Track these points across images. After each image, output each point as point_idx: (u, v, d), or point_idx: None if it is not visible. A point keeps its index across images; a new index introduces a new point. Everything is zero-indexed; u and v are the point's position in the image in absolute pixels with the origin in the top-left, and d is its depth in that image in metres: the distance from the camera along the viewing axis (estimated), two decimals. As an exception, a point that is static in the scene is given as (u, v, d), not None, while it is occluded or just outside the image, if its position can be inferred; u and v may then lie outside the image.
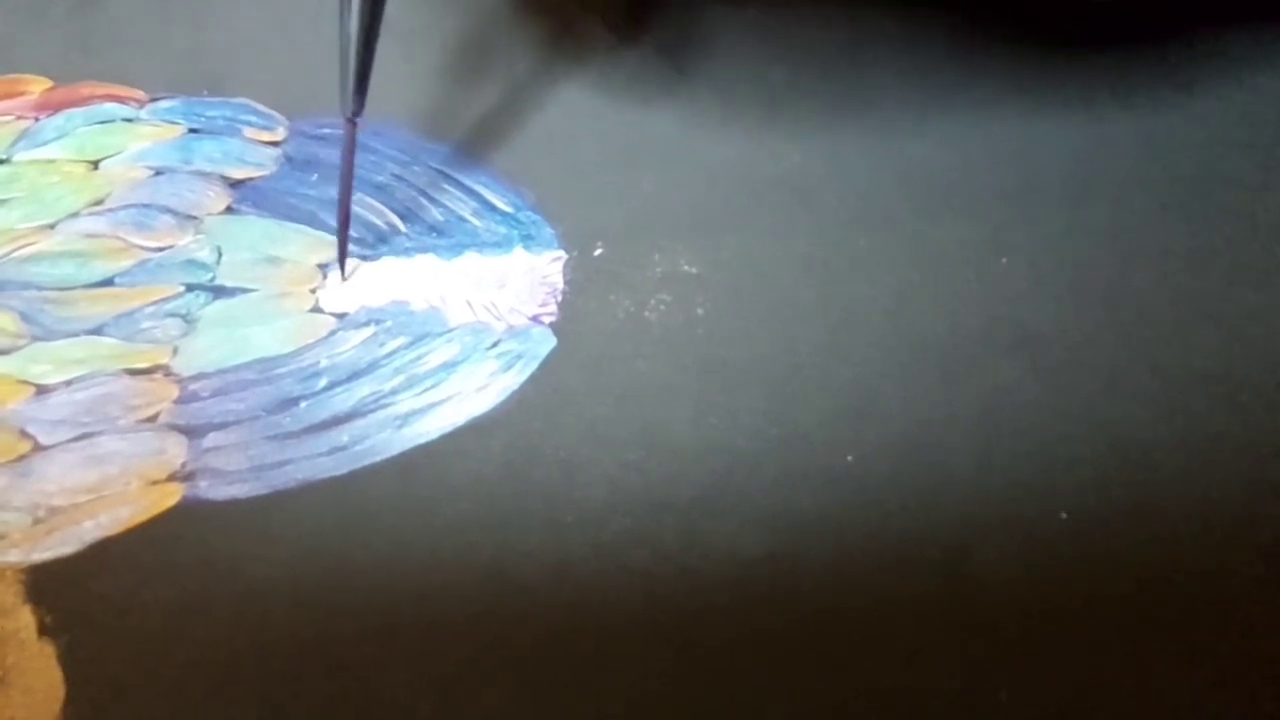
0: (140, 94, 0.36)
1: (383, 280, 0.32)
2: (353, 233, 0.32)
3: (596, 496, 0.28)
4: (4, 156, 0.34)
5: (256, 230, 0.33)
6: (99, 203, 0.33)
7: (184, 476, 0.28)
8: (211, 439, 0.29)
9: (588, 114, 0.35)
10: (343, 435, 0.29)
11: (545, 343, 0.30)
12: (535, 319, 0.31)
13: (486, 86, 0.31)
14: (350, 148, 0.30)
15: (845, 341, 0.30)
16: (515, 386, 0.30)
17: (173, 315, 0.31)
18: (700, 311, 0.31)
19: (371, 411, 0.29)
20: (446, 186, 0.34)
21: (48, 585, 0.26)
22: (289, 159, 0.34)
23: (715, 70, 0.36)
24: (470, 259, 0.32)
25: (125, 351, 0.30)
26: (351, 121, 0.30)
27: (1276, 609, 0.26)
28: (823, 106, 0.35)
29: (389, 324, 0.31)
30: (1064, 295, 0.31)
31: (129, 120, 0.35)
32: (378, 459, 0.28)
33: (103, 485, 0.28)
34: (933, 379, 0.29)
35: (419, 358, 0.30)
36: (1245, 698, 0.24)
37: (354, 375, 0.30)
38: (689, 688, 0.25)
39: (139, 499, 0.28)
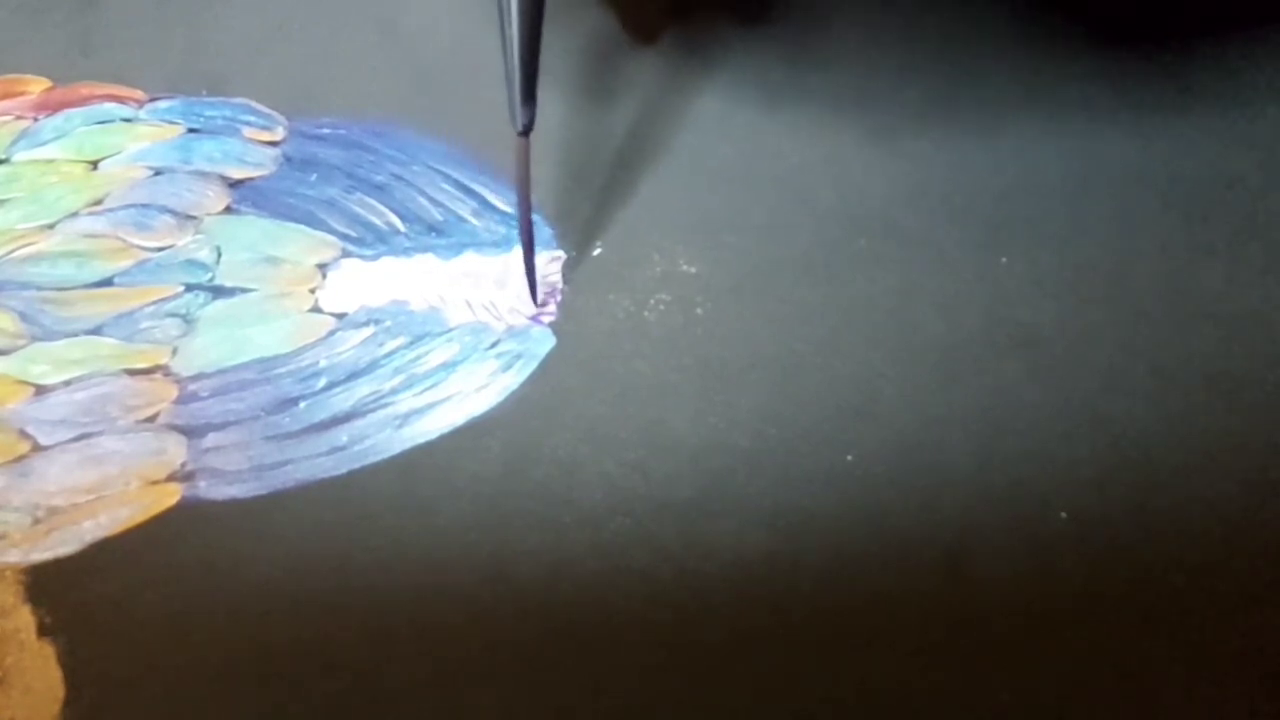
0: (139, 94, 0.36)
1: (382, 280, 0.32)
2: (350, 232, 0.32)
3: (596, 496, 0.28)
4: (3, 156, 0.34)
5: (256, 230, 0.33)
6: (98, 203, 0.33)
7: (184, 476, 0.28)
8: (211, 439, 0.29)
9: (588, 114, 0.35)
10: (342, 435, 0.29)
11: (545, 342, 0.30)
12: (535, 319, 0.31)
13: (486, 86, 0.31)
14: (524, 165, 0.28)
15: (845, 341, 0.30)
16: (515, 386, 0.30)
17: (172, 315, 0.31)
18: (700, 311, 0.31)
19: (371, 411, 0.29)
20: (446, 186, 0.33)
21: (48, 585, 0.26)
22: (288, 159, 0.34)
23: (715, 70, 0.36)
24: (469, 258, 0.32)
25: (125, 351, 0.30)
26: (524, 136, 0.28)
27: (1276, 609, 0.26)
28: (823, 106, 0.35)
29: (388, 324, 0.31)
30: (1064, 295, 0.31)
31: (128, 120, 0.35)
32: (377, 459, 0.28)
33: (102, 485, 0.28)
34: (933, 379, 0.29)
35: (418, 358, 0.30)
36: (1245, 698, 0.24)
37: (353, 375, 0.30)
38: (689, 687, 0.25)
39: (139, 499, 0.28)
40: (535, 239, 0.31)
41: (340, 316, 0.31)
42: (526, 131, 0.28)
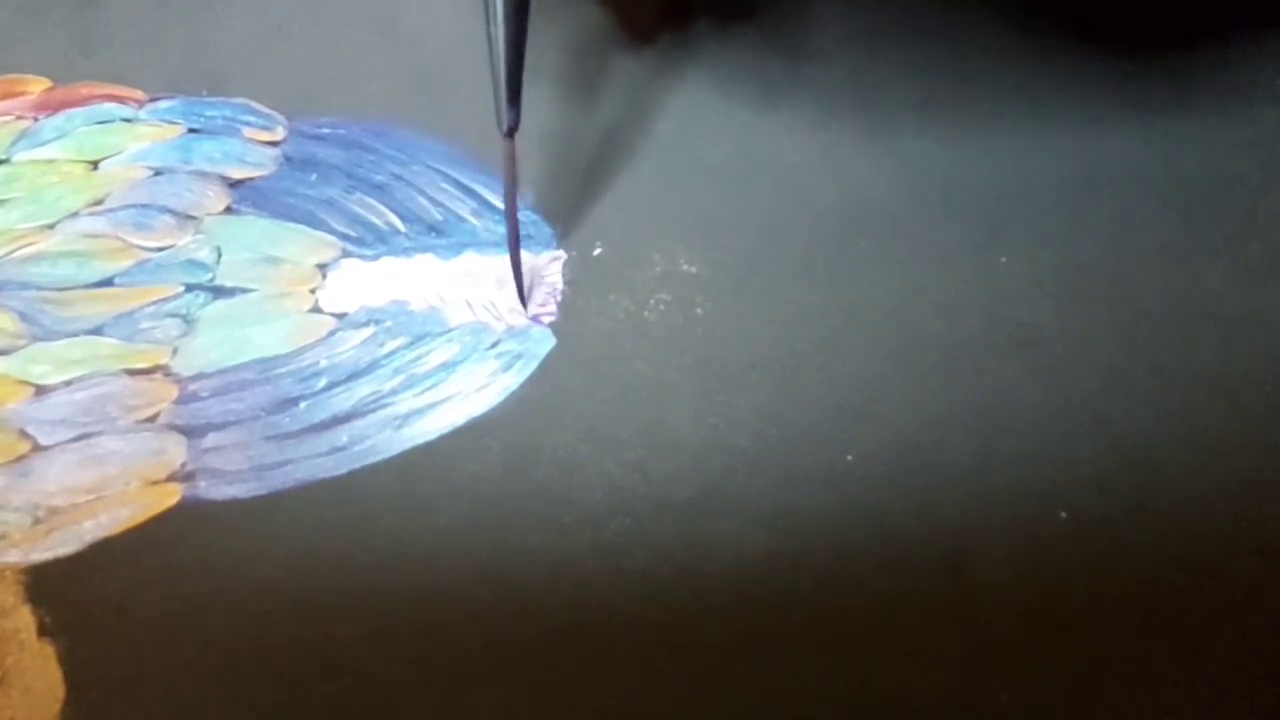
0: (139, 94, 0.36)
1: (382, 280, 0.32)
2: (350, 232, 0.32)
3: (596, 496, 0.28)
4: (4, 156, 0.34)
5: (256, 230, 0.33)
6: (98, 203, 0.33)
7: (184, 476, 0.28)
8: (211, 439, 0.29)
9: (587, 114, 0.35)
10: (342, 435, 0.29)
11: (545, 342, 0.30)
12: (535, 319, 0.31)
13: (486, 86, 0.31)
14: (511, 167, 0.29)
15: (845, 341, 0.30)
16: (515, 386, 0.30)
17: (172, 315, 0.31)
18: (700, 311, 0.31)
19: (371, 412, 0.29)
20: (446, 186, 0.34)
21: (48, 585, 0.26)
22: (288, 159, 0.34)
23: (715, 69, 0.36)
24: (469, 258, 0.32)
25: (125, 352, 0.30)
26: (509, 137, 0.28)
27: (1277, 609, 0.26)
28: (823, 105, 0.35)
29: (389, 324, 0.31)
30: (1064, 295, 0.31)
31: (128, 120, 0.35)
32: (377, 459, 0.28)
33: (102, 485, 0.28)
34: (933, 379, 0.29)
35: (419, 358, 0.30)
36: (1245, 698, 0.24)
37: (353, 375, 0.30)
38: (689, 688, 0.25)
39: (139, 499, 0.28)
40: (536, 239, 0.31)
41: (340, 316, 0.31)
42: (512, 133, 0.28)
